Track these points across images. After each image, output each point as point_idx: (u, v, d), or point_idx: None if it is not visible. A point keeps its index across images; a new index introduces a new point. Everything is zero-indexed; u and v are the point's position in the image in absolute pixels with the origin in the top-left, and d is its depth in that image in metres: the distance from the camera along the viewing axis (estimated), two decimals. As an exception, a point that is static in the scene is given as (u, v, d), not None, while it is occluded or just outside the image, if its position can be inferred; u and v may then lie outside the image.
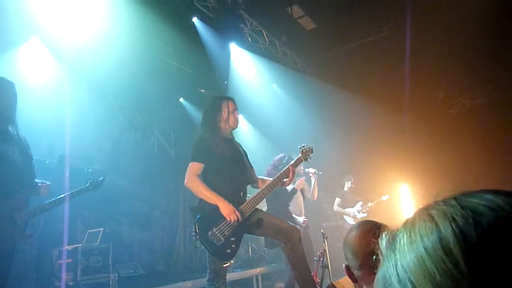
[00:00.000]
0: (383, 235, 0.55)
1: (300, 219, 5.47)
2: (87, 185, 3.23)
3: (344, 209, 6.92)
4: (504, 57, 6.64)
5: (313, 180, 5.74)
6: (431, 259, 0.44)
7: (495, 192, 0.47)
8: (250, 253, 6.28)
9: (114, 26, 5.69)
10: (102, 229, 5.34)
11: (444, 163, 6.94)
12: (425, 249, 0.45)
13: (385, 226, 1.48)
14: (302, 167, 5.56)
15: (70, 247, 4.48)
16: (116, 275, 4.67)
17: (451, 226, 0.45)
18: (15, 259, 2.75)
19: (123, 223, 6.35)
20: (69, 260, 4.42)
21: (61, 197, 3.02)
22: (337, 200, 7.02)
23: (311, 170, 5.71)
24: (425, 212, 0.50)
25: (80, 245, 4.64)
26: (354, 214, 6.75)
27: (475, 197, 0.47)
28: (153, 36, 6.31)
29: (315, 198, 5.85)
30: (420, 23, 6.94)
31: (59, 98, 5.26)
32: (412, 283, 0.45)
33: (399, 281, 0.47)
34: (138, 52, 6.26)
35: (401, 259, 0.48)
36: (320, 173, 5.74)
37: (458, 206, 0.47)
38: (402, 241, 0.50)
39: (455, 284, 0.42)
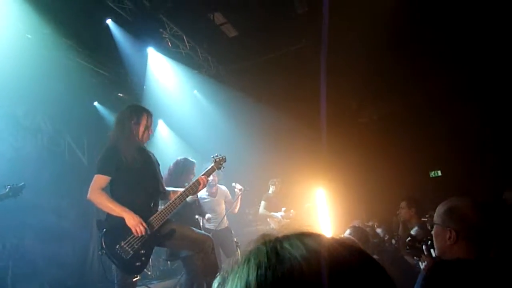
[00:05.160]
0: (216, 280, 0.61)
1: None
2: (7, 190, 2.94)
3: (270, 212, 6.88)
4: (403, 75, 7.40)
5: (238, 194, 5.86)
6: None
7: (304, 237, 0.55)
8: (168, 263, 6.13)
9: (13, 22, 5.22)
10: (-1, 245, 4.85)
11: (355, 168, 7.51)
12: None
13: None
14: (215, 178, 5.63)
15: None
16: (16, 296, 4.25)
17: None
18: None
19: (26, 238, 5.80)
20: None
21: None
22: (263, 203, 6.97)
23: (238, 186, 5.86)
24: (246, 254, 0.57)
25: (-29, 265, 4.15)
26: (279, 219, 6.75)
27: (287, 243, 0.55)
28: (64, 35, 5.89)
29: (235, 212, 5.99)
30: (335, 37, 7.39)
31: None
32: None
33: None
34: (45, 52, 5.81)
35: None
36: (247, 189, 5.89)
37: (268, 256, 0.54)
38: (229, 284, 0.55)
39: None
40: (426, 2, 6.52)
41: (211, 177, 5.49)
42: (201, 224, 5.56)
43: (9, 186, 2.95)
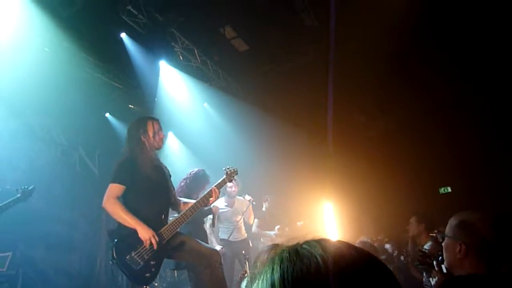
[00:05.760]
0: (245, 279, 0.70)
1: (218, 247, 5.39)
2: (19, 195, 3.13)
3: (263, 231, 6.62)
4: (411, 88, 7.43)
5: (248, 205, 5.91)
6: None
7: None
8: (175, 275, 6.11)
9: (35, 37, 5.38)
10: (10, 253, 4.90)
11: (362, 183, 7.47)
12: None
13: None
14: (233, 189, 5.67)
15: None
16: (25, 304, 4.27)
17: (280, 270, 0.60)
18: None
19: (37, 247, 5.86)
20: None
21: None
22: (256, 221, 6.61)
23: (248, 197, 5.93)
24: (269, 258, 0.64)
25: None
26: (272, 238, 6.43)
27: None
28: (80, 48, 6.05)
29: (251, 223, 6.18)
30: (343, 50, 7.45)
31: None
32: None
33: None
34: (61, 65, 5.95)
35: None
36: (254, 203, 5.97)
37: (290, 255, 0.62)
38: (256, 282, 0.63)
39: None
40: (432, 15, 6.59)
41: (232, 188, 5.57)
42: (218, 233, 5.68)
43: (20, 189, 3.10)
